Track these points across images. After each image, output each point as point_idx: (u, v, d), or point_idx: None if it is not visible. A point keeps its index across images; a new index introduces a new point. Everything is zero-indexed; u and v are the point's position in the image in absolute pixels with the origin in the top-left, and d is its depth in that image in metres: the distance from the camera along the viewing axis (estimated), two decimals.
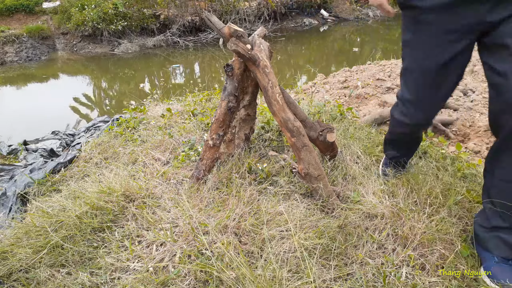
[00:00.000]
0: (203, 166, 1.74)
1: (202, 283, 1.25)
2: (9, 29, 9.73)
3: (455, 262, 1.29)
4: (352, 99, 3.55)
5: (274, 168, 1.89)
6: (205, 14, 1.75)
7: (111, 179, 1.78)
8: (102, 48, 9.81)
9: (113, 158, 2.26)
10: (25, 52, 9.31)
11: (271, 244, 1.34)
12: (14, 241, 1.48)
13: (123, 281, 1.26)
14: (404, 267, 1.28)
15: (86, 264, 1.38)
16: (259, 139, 2.25)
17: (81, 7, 9.75)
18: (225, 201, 1.61)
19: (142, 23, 10.07)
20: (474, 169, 1.90)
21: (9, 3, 10.44)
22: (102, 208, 1.60)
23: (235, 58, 1.71)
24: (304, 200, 1.64)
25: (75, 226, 1.50)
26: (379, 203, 1.55)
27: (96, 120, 3.44)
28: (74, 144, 2.88)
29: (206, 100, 3.29)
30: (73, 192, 1.77)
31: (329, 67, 7.14)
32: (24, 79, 7.79)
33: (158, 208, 1.61)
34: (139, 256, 1.37)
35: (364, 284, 1.21)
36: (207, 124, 2.57)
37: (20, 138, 3.07)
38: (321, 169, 1.60)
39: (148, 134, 2.48)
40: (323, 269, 1.28)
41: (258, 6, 11.09)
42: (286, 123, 1.58)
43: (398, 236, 1.40)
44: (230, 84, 1.71)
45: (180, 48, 9.78)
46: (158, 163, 2.08)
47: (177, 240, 1.40)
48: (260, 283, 1.14)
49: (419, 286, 1.20)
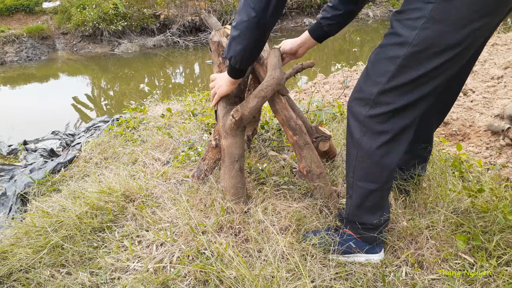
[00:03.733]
0: (205, 166, 1.74)
1: (202, 283, 1.25)
2: (9, 29, 9.74)
3: (454, 259, 1.29)
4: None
5: (274, 168, 1.89)
6: (203, 15, 1.75)
7: (111, 179, 1.78)
8: (102, 48, 9.81)
9: (113, 158, 2.26)
10: (25, 52, 9.32)
11: (271, 244, 1.34)
12: (14, 241, 1.48)
13: (123, 281, 1.26)
14: (404, 266, 1.28)
15: (86, 264, 1.38)
16: (258, 139, 2.26)
17: (81, 7, 9.76)
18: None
19: (142, 23, 10.07)
20: (474, 169, 1.90)
21: (9, 3, 10.45)
22: (102, 208, 1.60)
23: None
24: (304, 199, 1.64)
25: (75, 226, 1.50)
26: None
27: (96, 120, 3.44)
28: (74, 144, 2.88)
29: (206, 100, 3.29)
30: (73, 192, 1.77)
31: (329, 67, 7.15)
32: (24, 79, 7.80)
33: (158, 208, 1.61)
34: (139, 256, 1.37)
35: (364, 283, 1.21)
36: (207, 124, 2.57)
37: (20, 138, 3.07)
38: (323, 167, 1.60)
39: (148, 134, 2.48)
40: (323, 268, 1.28)
41: None
42: (289, 121, 1.58)
43: (398, 234, 1.40)
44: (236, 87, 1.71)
45: (180, 48, 9.78)
46: (158, 163, 2.08)
47: (177, 240, 1.40)
48: (260, 283, 1.14)
49: (419, 285, 1.20)
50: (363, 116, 1.13)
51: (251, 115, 1.50)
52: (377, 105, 1.10)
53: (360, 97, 1.15)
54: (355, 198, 1.25)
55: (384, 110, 1.09)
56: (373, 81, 1.10)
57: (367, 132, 1.14)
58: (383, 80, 1.07)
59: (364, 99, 1.13)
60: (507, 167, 2.10)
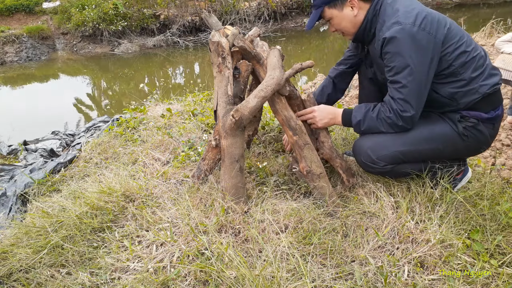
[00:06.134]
0: (205, 166, 1.74)
1: (202, 283, 1.25)
2: (9, 29, 9.74)
3: (455, 259, 1.29)
4: (352, 98, 3.55)
5: (274, 168, 1.89)
6: (204, 14, 1.75)
7: (111, 179, 1.78)
8: (102, 48, 9.81)
9: (113, 158, 2.26)
10: (25, 52, 9.31)
11: (270, 244, 1.34)
12: (14, 241, 1.48)
13: (123, 281, 1.26)
14: (406, 266, 1.28)
15: (86, 264, 1.38)
16: (259, 139, 2.26)
17: (81, 7, 9.75)
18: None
19: (142, 23, 10.07)
20: (474, 169, 1.90)
21: (9, 3, 10.44)
22: (102, 208, 1.60)
23: (242, 61, 1.72)
24: (304, 199, 1.64)
25: (75, 226, 1.50)
26: (378, 202, 1.55)
27: (96, 120, 3.44)
28: (74, 144, 2.88)
29: (206, 100, 3.29)
30: (73, 192, 1.77)
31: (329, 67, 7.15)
32: (24, 79, 7.80)
33: (158, 208, 1.61)
34: (139, 256, 1.37)
35: (364, 284, 1.21)
36: (207, 124, 2.57)
37: (20, 138, 3.07)
38: (323, 167, 1.60)
39: (148, 134, 2.48)
40: (323, 268, 1.28)
41: (258, 6, 11.09)
42: (289, 121, 1.58)
43: (399, 235, 1.40)
44: (236, 86, 1.72)
45: (180, 48, 9.78)
46: (158, 163, 2.08)
47: (177, 240, 1.40)
48: (260, 283, 1.14)
49: (419, 286, 1.20)
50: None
51: (251, 115, 1.50)
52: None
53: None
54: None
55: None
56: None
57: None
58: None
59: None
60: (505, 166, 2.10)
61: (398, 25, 1.38)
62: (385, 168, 1.53)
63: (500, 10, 10.75)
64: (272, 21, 11.24)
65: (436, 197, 1.56)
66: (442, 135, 1.50)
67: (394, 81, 1.44)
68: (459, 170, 1.64)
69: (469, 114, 1.48)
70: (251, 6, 11.05)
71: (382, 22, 1.47)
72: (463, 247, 1.33)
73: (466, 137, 1.48)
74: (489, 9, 11.89)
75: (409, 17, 1.38)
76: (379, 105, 1.53)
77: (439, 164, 1.57)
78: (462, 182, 1.69)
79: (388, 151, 1.50)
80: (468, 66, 1.43)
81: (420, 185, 1.62)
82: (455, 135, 1.49)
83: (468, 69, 1.43)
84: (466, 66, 1.43)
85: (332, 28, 1.64)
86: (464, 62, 1.42)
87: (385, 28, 1.43)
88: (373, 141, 1.53)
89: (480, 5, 12.81)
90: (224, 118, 1.55)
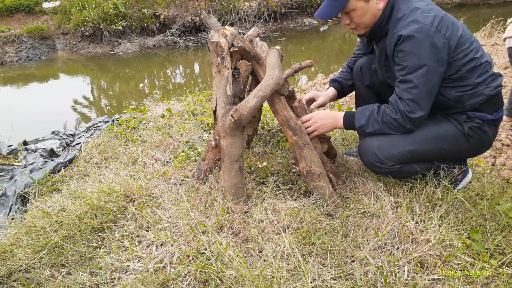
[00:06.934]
0: (205, 166, 1.74)
1: (202, 283, 1.25)
2: (9, 29, 9.73)
3: (455, 259, 1.29)
4: (352, 98, 3.55)
5: (274, 168, 1.89)
6: (203, 15, 1.76)
7: (111, 179, 1.78)
8: (102, 48, 9.81)
9: (113, 158, 2.26)
10: (25, 52, 9.31)
11: (270, 244, 1.34)
12: (14, 241, 1.48)
13: (123, 281, 1.26)
14: (406, 266, 1.28)
15: (86, 264, 1.38)
16: (258, 138, 2.26)
17: (81, 7, 9.75)
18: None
19: (142, 23, 10.07)
20: (475, 169, 1.90)
21: (9, 3, 10.44)
22: (102, 208, 1.60)
23: (242, 61, 1.72)
24: (304, 199, 1.64)
25: (75, 226, 1.50)
26: (378, 202, 1.55)
27: (96, 120, 3.43)
28: (74, 144, 2.88)
29: (206, 100, 3.29)
30: (73, 192, 1.77)
31: (329, 67, 7.14)
32: (24, 79, 7.79)
33: (158, 208, 1.61)
34: (139, 256, 1.37)
35: (364, 284, 1.21)
36: (207, 124, 2.57)
37: (20, 138, 3.07)
38: (322, 167, 1.60)
39: (148, 134, 2.48)
40: (323, 268, 1.28)
41: (258, 6, 11.09)
42: (289, 122, 1.58)
43: (399, 235, 1.40)
44: (236, 87, 1.72)
45: (180, 48, 9.78)
46: (158, 163, 2.08)
47: (177, 240, 1.40)
48: (260, 283, 1.14)
49: (419, 286, 1.20)
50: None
51: (250, 115, 1.50)
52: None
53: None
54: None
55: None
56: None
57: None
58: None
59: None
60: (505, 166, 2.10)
61: (416, 24, 1.35)
62: (393, 168, 1.52)
63: (500, 10, 10.75)
64: (272, 21, 11.24)
65: (436, 197, 1.56)
66: (448, 135, 1.50)
67: (405, 81, 1.41)
68: (460, 170, 1.64)
69: (475, 115, 1.48)
70: (251, 6, 11.05)
71: (395, 19, 1.44)
72: (463, 247, 1.33)
73: (471, 138, 1.49)
74: (489, 9, 11.89)
75: (428, 17, 1.36)
76: (383, 107, 1.52)
77: (443, 164, 1.57)
78: (462, 183, 1.69)
79: (397, 150, 1.48)
80: (475, 72, 1.43)
81: (420, 185, 1.62)
82: (460, 135, 1.49)
83: (474, 75, 1.43)
84: (473, 72, 1.43)
85: (347, 21, 1.53)
86: (472, 68, 1.42)
87: (401, 26, 1.39)
88: (380, 141, 1.52)
89: (480, 5, 12.81)
90: (224, 118, 1.55)
